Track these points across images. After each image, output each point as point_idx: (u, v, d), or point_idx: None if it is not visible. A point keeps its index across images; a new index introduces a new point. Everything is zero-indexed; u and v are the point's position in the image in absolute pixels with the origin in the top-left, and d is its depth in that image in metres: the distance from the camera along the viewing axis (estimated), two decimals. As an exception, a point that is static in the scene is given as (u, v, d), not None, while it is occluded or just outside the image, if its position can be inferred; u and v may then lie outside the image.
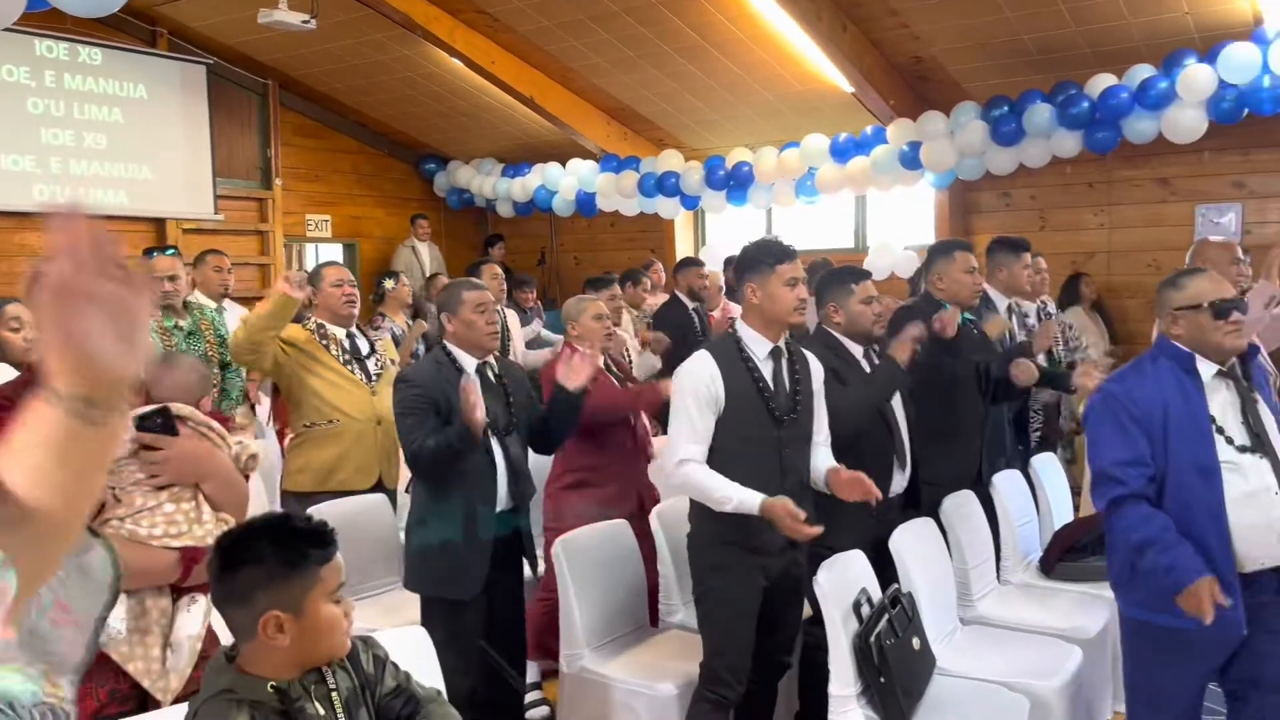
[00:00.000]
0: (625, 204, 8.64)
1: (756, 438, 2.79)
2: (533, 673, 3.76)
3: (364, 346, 4.05)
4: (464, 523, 3.07)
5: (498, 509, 3.13)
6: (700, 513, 2.87)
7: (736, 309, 3.76)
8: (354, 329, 4.07)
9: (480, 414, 2.90)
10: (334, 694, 1.71)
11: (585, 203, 8.91)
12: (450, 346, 3.20)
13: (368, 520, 3.77)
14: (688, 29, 6.82)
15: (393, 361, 4.21)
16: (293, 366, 3.84)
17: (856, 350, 3.35)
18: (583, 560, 3.26)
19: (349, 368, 3.94)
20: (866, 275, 3.40)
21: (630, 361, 5.24)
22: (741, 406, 2.78)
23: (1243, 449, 2.53)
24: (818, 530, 2.67)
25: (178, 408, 2.15)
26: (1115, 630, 3.64)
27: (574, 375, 3.21)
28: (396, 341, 6.07)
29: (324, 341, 3.93)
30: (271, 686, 1.64)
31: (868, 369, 3.34)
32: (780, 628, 2.96)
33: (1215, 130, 6.13)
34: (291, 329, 3.91)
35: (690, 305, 6.43)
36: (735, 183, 8.05)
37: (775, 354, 2.87)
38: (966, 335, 3.85)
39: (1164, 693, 2.65)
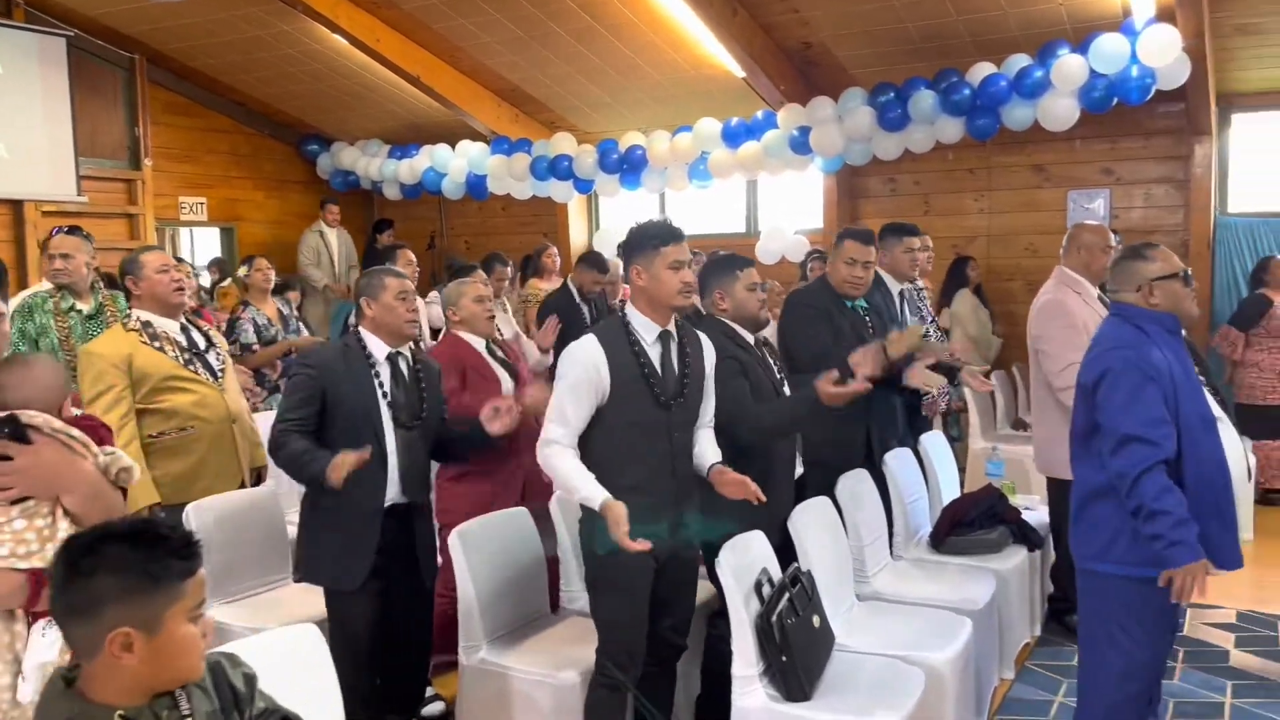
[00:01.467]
0: (517, 187, 8.51)
1: (644, 422, 2.77)
2: None
3: (200, 341, 3.70)
4: (348, 512, 3.00)
5: (387, 502, 3.07)
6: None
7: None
8: (186, 321, 3.71)
9: (339, 477, 2.82)
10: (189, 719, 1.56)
11: (476, 185, 8.74)
12: (364, 333, 3.15)
13: (252, 514, 3.61)
14: (578, 9, 6.74)
15: (230, 354, 3.97)
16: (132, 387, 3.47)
17: (748, 337, 3.36)
18: (480, 550, 3.19)
19: (190, 367, 3.58)
20: (750, 263, 3.43)
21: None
22: (627, 392, 2.74)
23: (1219, 402, 2.84)
24: (643, 546, 2.59)
25: (29, 415, 1.94)
26: (1002, 601, 3.78)
27: (497, 424, 3.24)
28: (259, 331, 5.74)
29: (155, 343, 3.51)
30: (120, 715, 1.46)
31: (760, 354, 3.37)
32: (673, 610, 2.95)
33: (1086, 119, 6.39)
34: (107, 344, 3.49)
35: (578, 298, 6.31)
36: (628, 166, 8.01)
37: (664, 337, 2.84)
38: (853, 328, 3.90)
39: (1152, 646, 2.75)
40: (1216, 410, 2.81)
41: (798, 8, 6.45)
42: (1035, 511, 4.39)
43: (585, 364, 2.74)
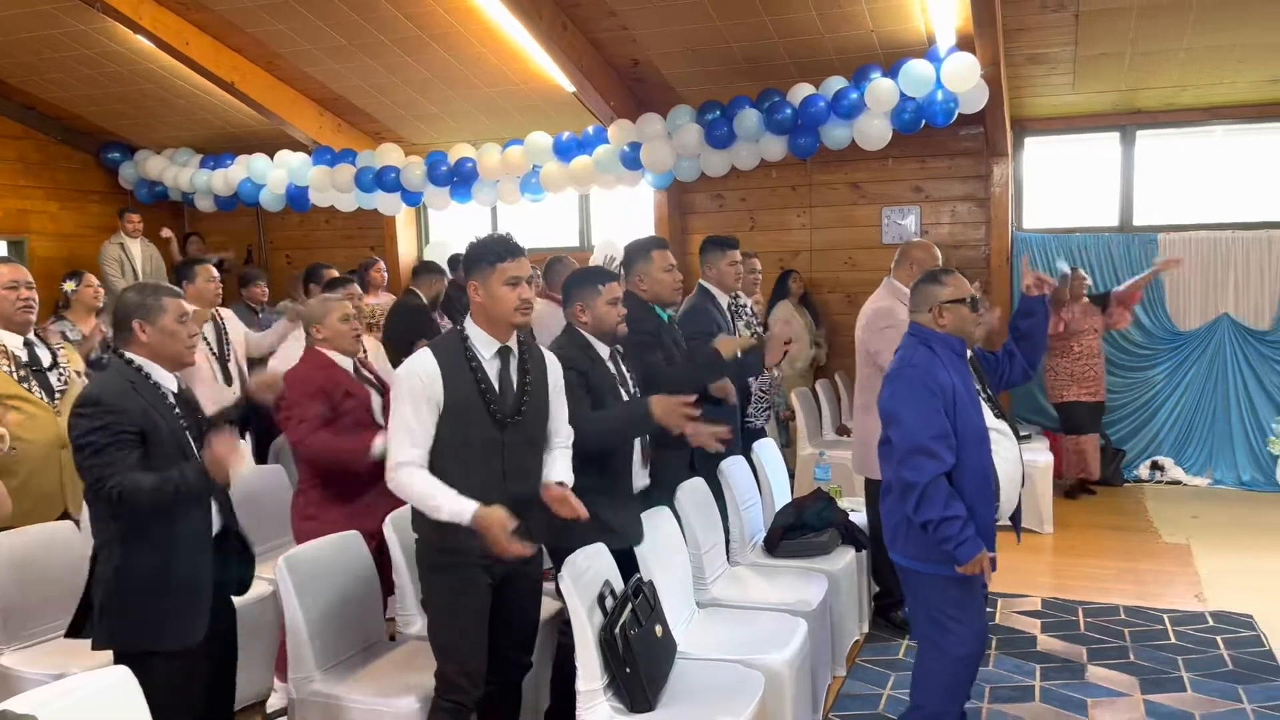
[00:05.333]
0: (342, 199, 8.23)
1: (478, 440, 2.72)
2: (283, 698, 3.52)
3: (45, 357, 3.62)
4: (182, 553, 2.66)
5: (214, 532, 2.81)
6: (421, 515, 2.76)
7: None
8: (32, 337, 3.63)
9: (235, 471, 2.63)
10: None
11: (297, 197, 8.39)
12: (137, 360, 2.72)
13: (50, 552, 3.31)
14: (404, 19, 6.59)
15: (79, 373, 3.76)
16: None
17: (604, 350, 3.35)
18: (309, 577, 3.03)
19: (25, 385, 3.51)
20: (614, 277, 3.42)
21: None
22: (462, 407, 2.69)
23: (997, 415, 3.04)
24: (524, 550, 2.59)
25: None
26: (833, 601, 3.91)
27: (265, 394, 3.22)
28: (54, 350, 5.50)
29: None
30: None
31: (613, 369, 3.35)
32: (516, 627, 2.91)
33: (898, 139, 6.76)
34: None
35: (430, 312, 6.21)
36: (459, 179, 7.89)
37: (503, 353, 2.80)
38: (674, 342, 3.93)
39: (973, 621, 3.02)
40: (995, 422, 3.03)
41: (626, 25, 6.53)
42: (860, 513, 4.58)
43: (416, 375, 2.69)
